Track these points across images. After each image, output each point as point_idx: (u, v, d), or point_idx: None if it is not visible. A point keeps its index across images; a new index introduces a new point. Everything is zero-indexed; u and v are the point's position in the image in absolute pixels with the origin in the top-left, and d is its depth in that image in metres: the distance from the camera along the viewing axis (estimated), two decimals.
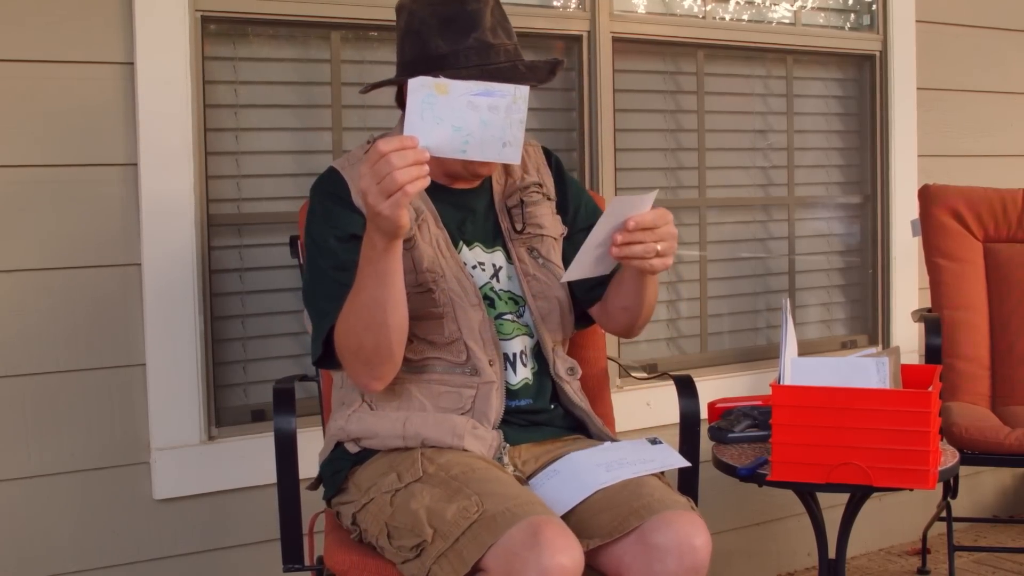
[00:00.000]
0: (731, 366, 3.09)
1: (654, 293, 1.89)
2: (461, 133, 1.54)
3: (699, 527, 1.63)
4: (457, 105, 1.52)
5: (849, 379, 2.01)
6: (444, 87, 1.52)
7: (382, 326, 1.66)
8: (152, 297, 2.26)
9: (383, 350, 1.69)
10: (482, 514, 1.56)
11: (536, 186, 1.98)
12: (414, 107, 1.52)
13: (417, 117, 1.52)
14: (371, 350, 1.70)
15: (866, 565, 3.21)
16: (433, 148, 1.53)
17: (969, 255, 3.02)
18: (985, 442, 2.57)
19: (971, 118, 3.46)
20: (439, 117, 1.52)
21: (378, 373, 1.74)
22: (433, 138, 1.53)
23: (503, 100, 1.54)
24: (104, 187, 2.23)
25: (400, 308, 1.68)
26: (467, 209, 1.92)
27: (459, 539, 1.55)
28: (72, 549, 2.23)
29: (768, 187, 3.22)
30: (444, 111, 1.52)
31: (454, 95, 1.52)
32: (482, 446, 1.78)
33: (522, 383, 1.90)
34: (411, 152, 1.50)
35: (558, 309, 1.94)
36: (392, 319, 1.67)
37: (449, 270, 1.84)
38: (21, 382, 2.18)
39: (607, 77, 2.82)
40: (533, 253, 1.94)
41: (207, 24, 2.36)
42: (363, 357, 1.71)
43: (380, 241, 1.59)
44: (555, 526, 1.54)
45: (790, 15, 3.18)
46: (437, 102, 1.52)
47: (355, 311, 1.67)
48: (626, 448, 1.82)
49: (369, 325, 1.67)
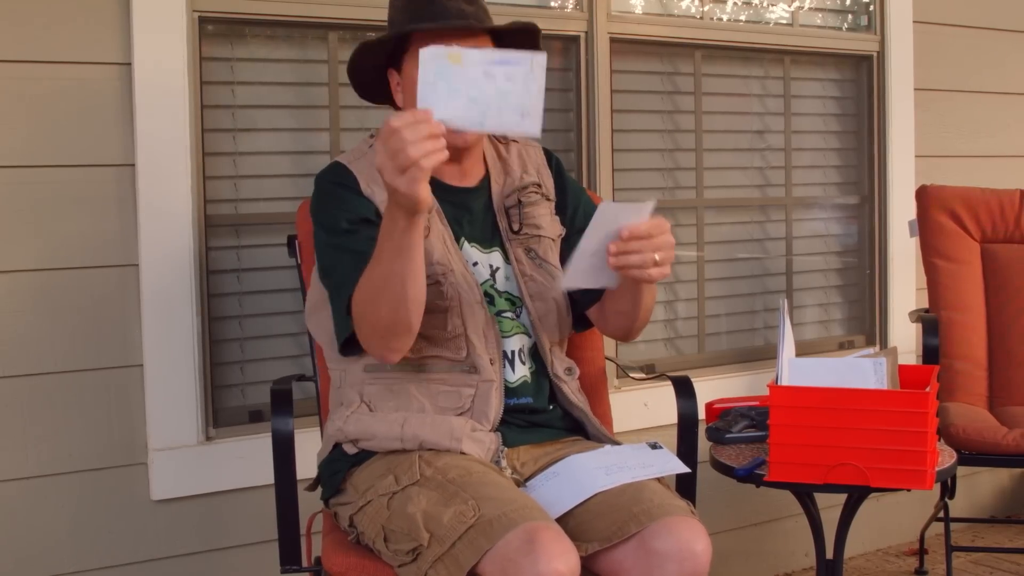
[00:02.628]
0: (729, 366, 3.09)
1: (651, 299, 1.88)
2: (478, 104, 1.47)
3: (699, 533, 1.63)
4: (473, 75, 1.46)
5: (847, 380, 2.01)
6: (458, 56, 1.45)
7: (401, 299, 1.63)
8: (150, 298, 2.26)
9: (402, 322, 1.66)
10: (479, 519, 1.55)
11: (535, 186, 1.98)
12: (427, 78, 1.46)
13: (430, 89, 1.46)
14: (389, 322, 1.66)
15: (864, 565, 3.21)
16: (449, 120, 1.47)
17: (966, 256, 3.03)
18: (983, 442, 2.57)
19: (968, 119, 3.46)
20: (454, 88, 1.46)
21: (395, 345, 1.71)
22: (449, 110, 1.46)
23: (520, 68, 1.47)
24: (101, 188, 2.23)
25: (419, 280, 1.64)
26: (465, 208, 1.92)
27: (455, 544, 1.55)
28: (70, 549, 2.23)
29: (766, 188, 3.22)
30: (459, 81, 1.46)
31: (468, 64, 1.46)
32: (480, 449, 1.78)
33: (520, 381, 1.90)
34: (424, 125, 1.45)
35: (555, 310, 1.94)
36: (411, 291, 1.63)
37: (456, 266, 1.84)
38: (19, 382, 2.18)
39: (604, 78, 2.83)
40: (531, 254, 1.94)
41: (205, 25, 2.35)
42: (380, 330, 1.69)
43: (402, 218, 1.55)
44: (551, 532, 1.54)
45: (788, 16, 3.19)
46: (451, 72, 1.45)
47: (374, 284, 1.64)
48: (626, 452, 1.82)
49: (388, 298, 1.64)
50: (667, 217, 3.04)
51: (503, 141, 2.02)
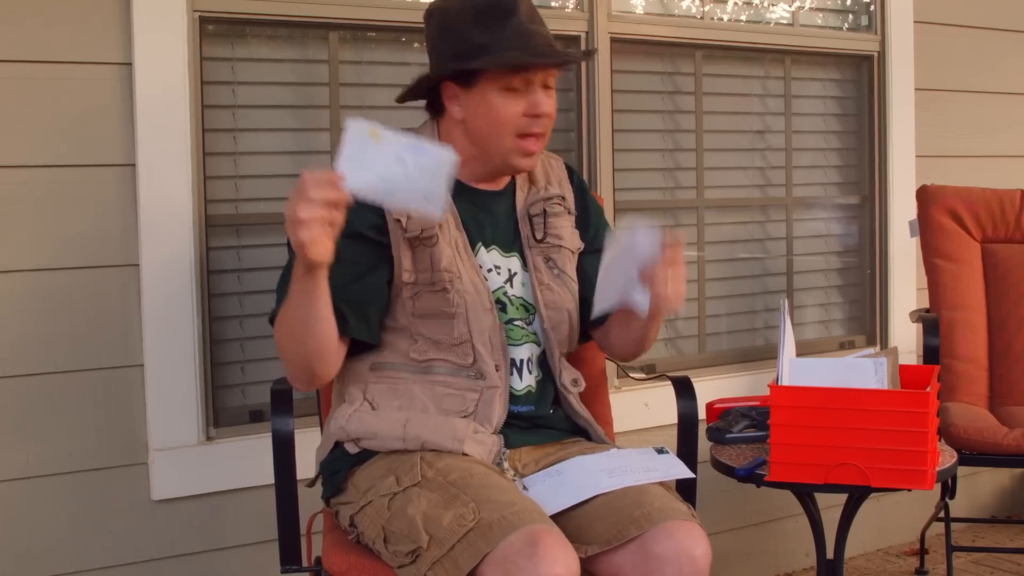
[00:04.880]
0: (729, 366, 3.09)
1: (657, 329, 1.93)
2: (386, 182, 1.52)
3: (699, 537, 1.63)
4: (387, 155, 1.51)
5: (847, 380, 2.01)
6: (378, 135, 1.50)
7: (300, 344, 1.67)
8: (150, 298, 2.26)
9: (302, 363, 1.71)
10: (478, 522, 1.55)
11: (559, 198, 1.98)
12: (349, 147, 1.50)
13: (349, 157, 1.50)
14: (292, 359, 1.72)
15: (864, 565, 3.21)
16: (357, 191, 1.50)
17: (967, 255, 3.03)
18: (983, 442, 2.57)
19: (969, 119, 3.46)
20: (370, 163, 1.51)
21: (300, 379, 1.75)
22: (359, 181, 1.50)
23: (429, 160, 1.53)
24: (102, 188, 2.23)
25: (318, 335, 1.66)
26: (488, 212, 1.92)
27: (455, 547, 1.55)
28: (70, 549, 2.23)
29: (766, 188, 3.22)
30: (375, 158, 1.51)
31: (385, 144, 1.51)
32: (482, 450, 1.78)
33: (525, 390, 1.90)
34: (329, 189, 1.47)
35: (568, 321, 1.94)
36: (311, 342, 1.66)
37: (465, 272, 1.84)
38: (19, 383, 2.18)
39: (605, 78, 2.83)
40: (549, 263, 1.94)
41: (205, 25, 2.35)
42: (286, 359, 1.73)
43: (299, 266, 1.57)
44: (553, 536, 1.54)
45: (788, 16, 3.19)
46: (370, 147, 1.50)
47: (285, 318, 1.68)
48: (631, 456, 1.82)
49: (293, 337, 1.68)
50: (667, 217, 3.07)
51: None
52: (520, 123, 1.81)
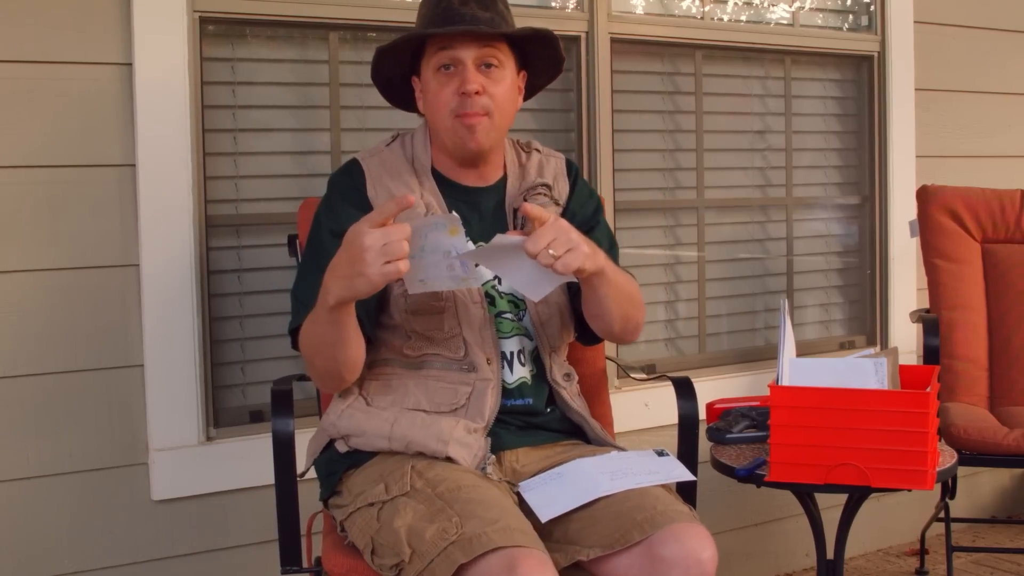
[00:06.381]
0: (729, 367, 3.09)
1: (618, 300, 1.83)
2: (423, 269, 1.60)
3: (706, 540, 1.62)
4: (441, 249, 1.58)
5: (847, 380, 2.00)
6: (456, 230, 1.57)
7: (331, 359, 1.73)
8: (150, 298, 2.26)
9: (332, 371, 1.76)
10: (459, 535, 1.54)
11: (544, 187, 1.97)
12: (424, 228, 1.56)
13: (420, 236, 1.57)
14: (321, 367, 1.76)
15: (864, 566, 3.21)
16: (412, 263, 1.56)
17: (967, 256, 3.02)
18: (983, 443, 2.57)
19: (969, 119, 3.46)
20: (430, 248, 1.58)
21: (327, 385, 1.84)
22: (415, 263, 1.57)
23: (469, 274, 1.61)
24: (102, 188, 2.23)
25: (351, 347, 1.71)
26: (475, 207, 1.92)
27: (433, 560, 1.54)
28: (70, 549, 2.23)
29: (766, 188, 3.22)
30: (434, 246, 1.57)
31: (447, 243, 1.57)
32: (467, 454, 1.77)
33: (519, 382, 1.90)
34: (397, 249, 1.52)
35: (558, 315, 1.94)
36: (340, 354, 1.71)
37: None
38: (19, 383, 2.18)
39: (605, 78, 2.83)
40: None
41: (205, 25, 2.35)
42: (314, 369, 1.78)
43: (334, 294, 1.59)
44: (533, 559, 1.51)
45: (788, 16, 3.19)
46: (440, 239, 1.57)
47: (313, 335, 1.71)
48: (632, 458, 1.81)
49: (320, 350, 1.72)
50: (668, 217, 3.06)
51: (526, 148, 2.02)
52: (452, 103, 1.82)
